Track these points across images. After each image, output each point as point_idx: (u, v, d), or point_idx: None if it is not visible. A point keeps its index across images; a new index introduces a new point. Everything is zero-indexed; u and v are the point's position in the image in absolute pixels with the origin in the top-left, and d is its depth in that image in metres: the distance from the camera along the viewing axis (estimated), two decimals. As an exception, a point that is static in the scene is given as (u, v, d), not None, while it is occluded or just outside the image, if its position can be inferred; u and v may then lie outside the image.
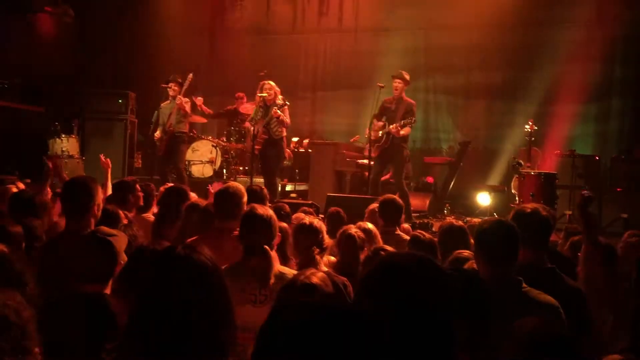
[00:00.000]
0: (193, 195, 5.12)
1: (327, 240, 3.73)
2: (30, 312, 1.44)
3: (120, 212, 4.42)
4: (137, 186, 5.41)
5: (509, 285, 2.76)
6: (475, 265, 2.95)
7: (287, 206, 5.35)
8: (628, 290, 3.36)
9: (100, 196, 3.57)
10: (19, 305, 1.39)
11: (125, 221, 4.14)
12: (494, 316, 2.00)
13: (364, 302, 1.55)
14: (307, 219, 3.70)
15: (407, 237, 4.48)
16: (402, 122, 8.41)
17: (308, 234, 3.57)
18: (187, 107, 9.52)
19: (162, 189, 5.77)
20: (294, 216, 5.00)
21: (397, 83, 8.62)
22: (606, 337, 3.20)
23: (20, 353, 1.34)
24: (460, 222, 4.28)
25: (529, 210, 3.18)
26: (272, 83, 8.80)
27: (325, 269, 3.52)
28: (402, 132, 8.45)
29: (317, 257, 3.54)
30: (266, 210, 3.31)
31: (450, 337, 1.53)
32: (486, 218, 3.18)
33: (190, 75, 9.54)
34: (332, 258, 4.01)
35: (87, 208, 3.43)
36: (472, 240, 3.39)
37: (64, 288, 2.70)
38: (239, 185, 4.06)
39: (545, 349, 1.91)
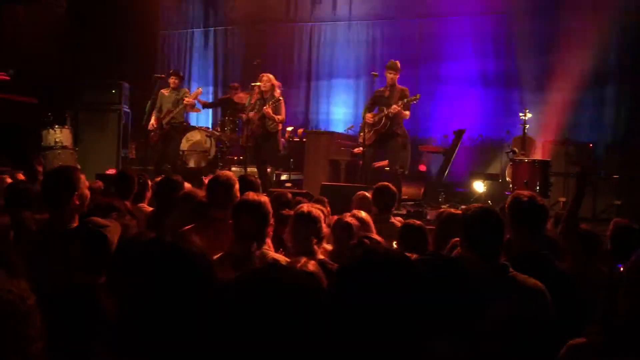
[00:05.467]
0: (187, 185, 5.13)
1: (325, 229, 3.73)
2: (34, 299, 1.44)
3: (116, 202, 4.41)
4: (136, 177, 5.41)
5: (495, 270, 2.78)
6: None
7: (289, 194, 5.35)
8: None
9: (84, 186, 3.49)
10: (24, 292, 1.38)
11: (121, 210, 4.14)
12: (478, 300, 2.01)
13: (339, 293, 1.56)
14: (306, 207, 3.70)
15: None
16: (406, 99, 8.42)
17: (306, 222, 3.57)
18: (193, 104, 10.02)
19: (157, 179, 5.78)
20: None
21: (391, 74, 8.63)
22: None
23: (23, 341, 1.33)
24: (458, 211, 4.30)
25: (526, 197, 3.23)
26: (270, 75, 8.84)
27: (321, 257, 3.53)
28: (406, 112, 8.48)
29: (315, 246, 3.54)
30: (259, 196, 3.33)
31: (417, 325, 1.54)
32: (471, 205, 3.21)
33: (200, 89, 9.91)
34: (328, 246, 4.01)
35: (67, 199, 3.29)
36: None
37: (53, 281, 2.69)
38: (230, 173, 4.08)
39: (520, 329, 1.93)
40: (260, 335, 1.12)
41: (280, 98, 8.76)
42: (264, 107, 8.59)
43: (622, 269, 1.95)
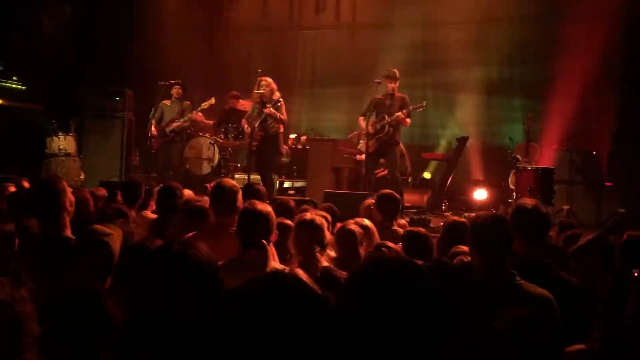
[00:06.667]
0: (188, 192, 5.14)
1: (328, 236, 3.73)
2: (30, 307, 1.44)
3: (124, 209, 4.44)
4: (143, 185, 5.43)
5: (502, 278, 2.78)
6: (466, 259, 2.98)
7: (292, 201, 5.36)
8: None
9: (69, 194, 3.51)
10: (15, 301, 1.38)
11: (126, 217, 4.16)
12: (484, 307, 2.01)
13: (347, 301, 1.55)
14: (309, 215, 3.70)
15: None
16: (412, 107, 8.49)
17: (309, 230, 3.56)
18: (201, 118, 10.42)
19: (156, 188, 5.80)
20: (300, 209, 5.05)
21: (391, 83, 8.66)
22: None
23: (15, 349, 1.33)
24: (463, 219, 4.31)
25: (530, 206, 3.23)
26: (269, 79, 8.82)
27: (326, 264, 3.53)
28: (408, 120, 8.55)
29: (317, 253, 3.54)
30: (265, 206, 3.34)
31: (431, 333, 1.54)
32: (480, 212, 3.20)
33: (213, 100, 10.09)
34: (332, 253, 4.01)
35: (58, 209, 3.35)
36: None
37: (47, 290, 2.69)
38: (232, 181, 4.10)
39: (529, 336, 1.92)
40: (267, 342, 1.12)
41: (281, 99, 8.77)
42: (265, 109, 8.59)
43: (636, 274, 1.92)
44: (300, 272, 2.51)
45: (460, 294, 1.99)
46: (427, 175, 10.96)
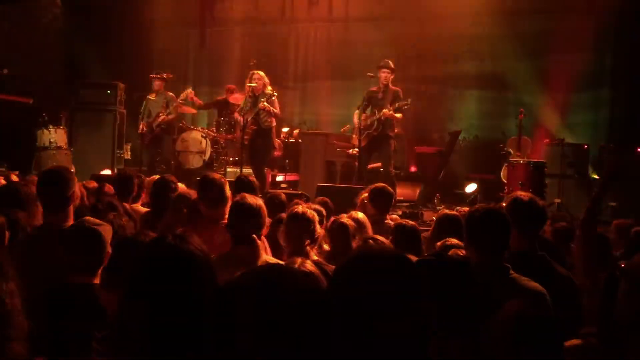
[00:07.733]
0: (181, 186, 5.13)
1: (319, 230, 3.72)
2: (18, 301, 1.43)
3: (115, 202, 4.41)
4: (136, 178, 5.41)
5: (497, 272, 2.78)
6: (460, 253, 2.97)
7: (283, 195, 5.35)
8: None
9: (76, 187, 3.50)
10: (6, 294, 1.37)
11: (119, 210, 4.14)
12: (481, 302, 2.00)
13: (336, 292, 1.54)
14: (300, 208, 3.68)
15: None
16: (397, 104, 8.45)
17: (300, 223, 3.55)
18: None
19: (147, 179, 5.78)
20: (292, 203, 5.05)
21: (385, 73, 8.63)
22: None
23: (2, 340, 1.33)
24: (454, 212, 4.30)
25: (526, 199, 3.23)
26: (261, 73, 8.79)
27: (316, 257, 3.52)
28: (397, 115, 8.52)
29: (308, 247, 3.52)
30: (256, 199, 3.32)
31: (422, 328, 1.53)
32: (477, 205, 3.18)
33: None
34: (326, 247, 4.00)
35: (64, 200, 3.34)
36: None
37: (49, 280, 2.67)
38: (217, 174, 4.12)
39: (528, 330, 1.92)
40: (261, 335, 1.11)
41: (275, 94, 8.75)
42: (260, 104, 8.56)
43: (623, 265, 1.91)
44: (309, 265, 2.50)
45: (460, 288, 1.97)
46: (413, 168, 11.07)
